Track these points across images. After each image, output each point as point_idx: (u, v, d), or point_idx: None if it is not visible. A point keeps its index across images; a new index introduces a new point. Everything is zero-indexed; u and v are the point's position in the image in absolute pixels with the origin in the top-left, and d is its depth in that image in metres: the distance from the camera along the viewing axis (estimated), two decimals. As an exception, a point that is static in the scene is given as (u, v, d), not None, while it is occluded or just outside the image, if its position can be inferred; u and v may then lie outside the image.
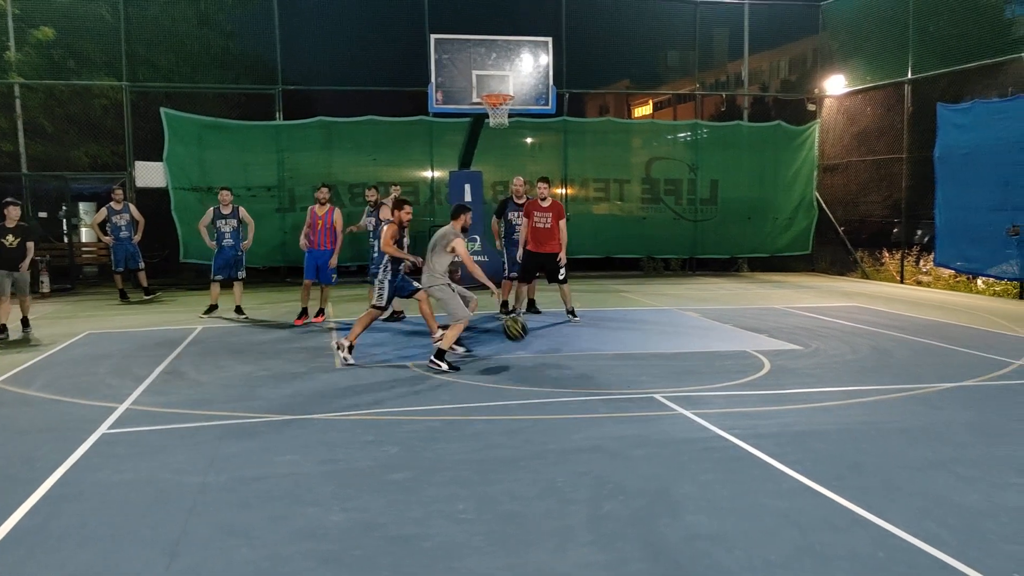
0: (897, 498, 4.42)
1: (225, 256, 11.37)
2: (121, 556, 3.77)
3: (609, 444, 5.40)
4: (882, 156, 16.82)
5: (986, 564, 3.61)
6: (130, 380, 7.43)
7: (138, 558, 3.75)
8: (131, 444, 5.51)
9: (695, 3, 18.14)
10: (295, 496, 4.50)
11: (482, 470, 4.91)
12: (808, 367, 7.88)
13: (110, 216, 13.29)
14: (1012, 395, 6.78)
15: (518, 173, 17.05)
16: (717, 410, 6.23)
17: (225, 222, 11.38)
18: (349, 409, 6.33)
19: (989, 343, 9.12)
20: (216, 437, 5.62)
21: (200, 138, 15.84)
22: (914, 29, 15.80)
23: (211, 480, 4.76)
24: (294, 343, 9.33)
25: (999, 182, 13.27)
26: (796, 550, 3.78)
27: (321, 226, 10.66)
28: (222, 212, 11.38)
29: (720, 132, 18.81)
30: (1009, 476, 4.77)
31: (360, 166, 16.58)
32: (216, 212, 11.38)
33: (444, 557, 3.74)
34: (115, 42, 15.59)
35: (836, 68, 18.25)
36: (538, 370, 7.77)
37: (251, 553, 3.79)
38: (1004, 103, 13.41)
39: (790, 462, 4.98)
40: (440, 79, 13.35)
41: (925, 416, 6.11)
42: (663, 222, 18.02)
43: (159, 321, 11.19)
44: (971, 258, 13.99)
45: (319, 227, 10.67)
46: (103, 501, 4.45)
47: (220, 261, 11.36)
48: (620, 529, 4.03)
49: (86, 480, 4.79)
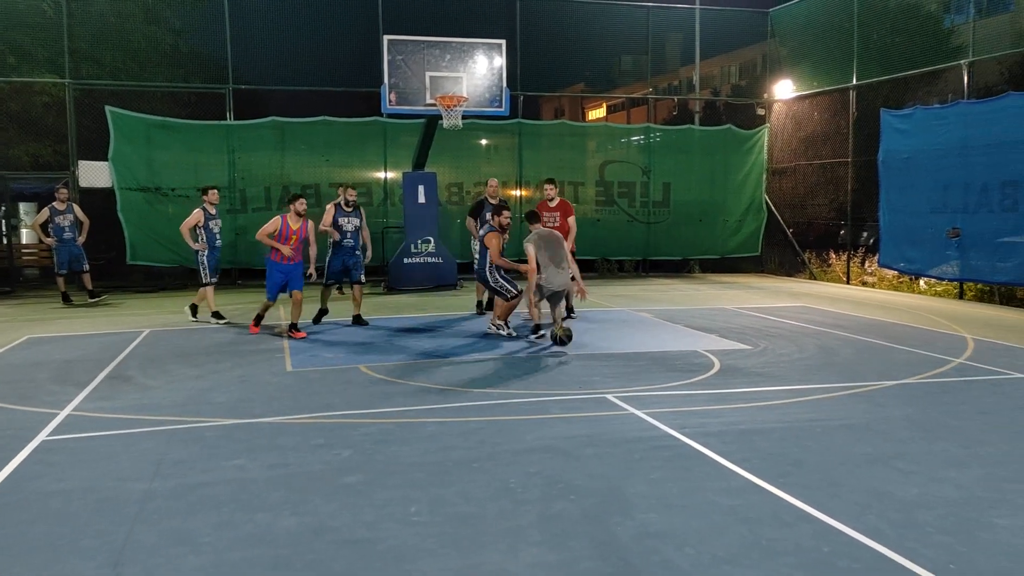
0: (840, 493, 4.53)
1: (217, 257, 11.14)
2: (62, 567, 3.68)
3: (561, 444, 5.43)
4: (828, 160, 17.23)
5: (923, 555, 3.73)
6: (72, 386, 7.24)
7: (80, 569, 3.66)
8: (73, 451, 5.37)
9: (647, 8, 18.36)
10: (244, 501, 4.44)
11: (436, 472, 4.90)
12: (756, 366, 8.04)
13: (53, 217, 12.93)
14: (951, 392, 7.00)
15: (473, 175, 17.16)
16: (668, 409, 6.31)
17: (215, 222, 11.06)
18: (300, 412, 6.26)
19: (930, 342, 9.41)
20: (162, 443, 5.51)
21: (148, 137, 15.50)
22: (859, 37, 16.22)
23: (157, 487, 4.67)
24: (245, 347, 9.19)
25: (939, 186, 13.69)
26: (744, 546, 3.85)
27: (296, 240, 9.69)
28: (211, 212, 10.98)
29: (672, 136, 19.09)
30: (946, 471, 4.93)
31: (313, 167, 16.42)
32: (206, 213, 10.92)
33: (396, 560, 3.73)
34: (57, 38, 15.18)
35: (784, 74, 18.64)
36: (492, 371, 7.78)
37: (198, 560, 3.73)
38: (944, 109, 13.84)
39: (738, 460, 5.08)
40: (393, 80, 13.28)
41: (867, 413, 6.28)
42: (617, 224, 18.20)
43: (105, 325, 10.92)
44: (913, 259, 14.40)
45: (293, 241, 9.66)
46: (43, 510, 4.33)
47: (213, 262, 11.05)
48: (571, 528, 4.07)
49: (25, 489, 4.65)
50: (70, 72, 15.22)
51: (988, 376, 7.58)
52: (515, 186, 17.73)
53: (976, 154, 12.96)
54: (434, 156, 15.26)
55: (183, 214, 15.57)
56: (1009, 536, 3.96)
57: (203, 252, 10.88)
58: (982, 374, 7.68)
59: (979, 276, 13.15)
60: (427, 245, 14.71)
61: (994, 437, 5.65)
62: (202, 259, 10.91)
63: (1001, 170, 12.52)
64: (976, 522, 4.13)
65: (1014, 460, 5.14)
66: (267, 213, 14.78)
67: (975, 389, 7.08)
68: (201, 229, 10.85)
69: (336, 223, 10.73)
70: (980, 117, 12.89)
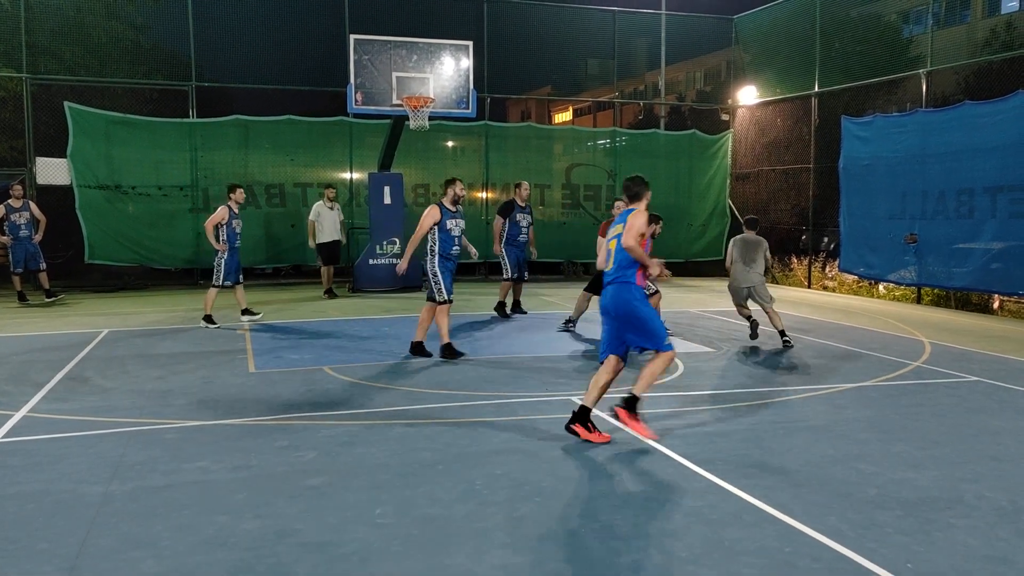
0: (801, 494, 4.60)
1: (237, 259, 10.64)
2: (17, 572, 3.58)
3: (527, 446, 5.44)
4: (791, 166, 17.50)
5: (881, 555, 3.80)
6: (28, 386, 7.07)
7: (35, 574, 3.57)
8: (28, 454, 5.24)
9: (614, 12, 18.48)
10: (204, 504, 4.37)
11: (402, 474, 4.87)
12: (719, 369, 8.13)
13: (9, 214, 12.63)
14: (909, 395, 7.15)
15: (439, 176, 17.01)
16: (633, 411, 6.34)
17: (238, 222, 10.62)
18: (263, 414, 6.19)
19: (888, 345, 9.60)
20: (121, 445, 5.41)
21: (108, 134, 15.20)
22: (821, 45, 16.51)
23: (115, 489, 4.58)
24: (206, 347, 9.06)
25: (897, 192, 13.98)
26: (706, 546, 3.89)
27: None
28: (235, 211, 10.56)
29: (638, 140, 19.22)
30: (904, 472, 5.03)
31: (278, 166, 16.24)
32: (231, 211, 10.50)
33: (361, 562, 3.70)
34: (14, 31, 14.83)
35: (748, 80, 18.89)
36: (458, 373, 7.76)
37: (157, 565, 3.66)
38: (903, 117, 14.13)
39: (700, 461, 5.13)
40: (360, 80, 13.20)
41: (828, 415, 6.39)
42: (583, 227, 18.26)
43: (62, 325, 10.68)
44: (873, 264, 14.68)
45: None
46: (-3, 514, 4.23)
47: (233, 264, 10.57)
48: (537, 530, 4.07)
49: (-22, 492, 4.53)
50: (27, 67, 14.87)
51: (944, 379, 7.76)
52: (481, 188, 17.71)
53: (933, 162, 13.26)
54: (400, 157, 15.19)
55: (143, 212, 15.47)
56: (965, 536, 4.05)
57: (222, 254, 10.52)
58: (939, 377, 7.85)
59: (936, 281, 13.45)
60: (392, 247, 14.63)
61: (950, 438, 5.78)
62: (219, 260, 10.52)
63: (957, 178, 12.82)
64: (933, 522, 4.21)
65: (969, 461, 5.26)
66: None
67: (932, 392, 7.23)
68: (223, 227, 10.47)
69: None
70: (937, 126, 13.18)
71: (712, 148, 19.04)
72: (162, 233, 15.50)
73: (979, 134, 12.39)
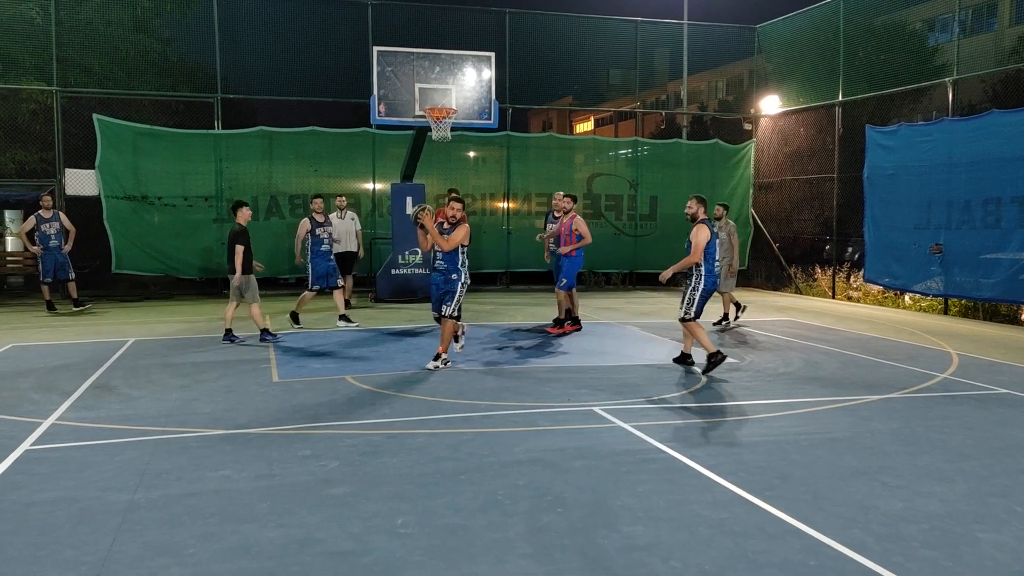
0: (826, 507, 4.55)
1: (327, 265, 11.27)
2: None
3: (549, 456, 5.43)
4: (814, 175, 17.37)
5: (907, 569, 3.75)
6: (56, 395, 7.17)
7: (62, 579, 3.62)
8: (55, 461, 5.32)
9: (636, 22, 18.49)
10: (229, 512, 4.40)
11: (423, 484, 4.88)
12: (743, 380, 8.07)
13: (39, 225, 12.84)
14: (935, 407, 7.05)
15: (461, 187, 17.08)
16: (655, 422, 6.32)
17: (323, 229, 11.29)
18: (286, 423, 6.23)
19: (915, 357, 9.48)
20: (147, 453, 5.47)
21: (135, 146, 15.43)
22: (844, 54, 16.40)
23: (140, 497, 4.63)
24: (230, 356, 9.14)
25: (923, 202, 13.83)
26: (729, 559, 3.86)
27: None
28: (318, 220, 11.30)
29: (660, 149, 19.18)
30: (931, 485, 4.96)
31: (302, 177, 16.37)
32: (313, 221, 11.28)
33: (383, 572, 3.71)
34: (46, 45, 15.12)
35: (771, 89, 18.80)
36: (480, 383, 7.77)
37: (182, 572, 3.69)
38: (928, 126, 14.00)
39: (724, 473, 5.09)
40: (383, 91, 13.30)
41: (853, 427, 6.32)
42: (604, 237, 18.20)
43: (89, 334, 10.84)
44: (898, 275, 14.52)
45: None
46: (24, 521, 4.28)
47: (321, 269, 11.21)
48: (558, 540, 4.06)
49: (6, 499, 4.60)
50: (58, 80, 15.14)
51: (972, 391, 7.65)
52: (502, 198, 17.75)
53: (959, 171, 13.11)
54: (422, 168, 15.26)
55: (169, 223, 15.66)
56: (993, 551, 3.99)
57: (308, 261, 11.29)
58: (966, 389, 7.74)
59: (963, 292, 13.27)
60: (414, 257, 14.69)
61: (978, 452, 5.69)
62: (309, 266, 11.29)
63: (984, 187, 12.67)
64: (961, 536, 4.15)
65: (998, 475, 5.18)
66: (255, 223, 14.71)
67: (959, 404, 7.13)
68: (308, 236, 11.27)
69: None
70: (964, 135, 13.04)
71: (735, 158, 18.95)
72: (187, 243, 15.69)
73: (1007, 143, 12.24)
